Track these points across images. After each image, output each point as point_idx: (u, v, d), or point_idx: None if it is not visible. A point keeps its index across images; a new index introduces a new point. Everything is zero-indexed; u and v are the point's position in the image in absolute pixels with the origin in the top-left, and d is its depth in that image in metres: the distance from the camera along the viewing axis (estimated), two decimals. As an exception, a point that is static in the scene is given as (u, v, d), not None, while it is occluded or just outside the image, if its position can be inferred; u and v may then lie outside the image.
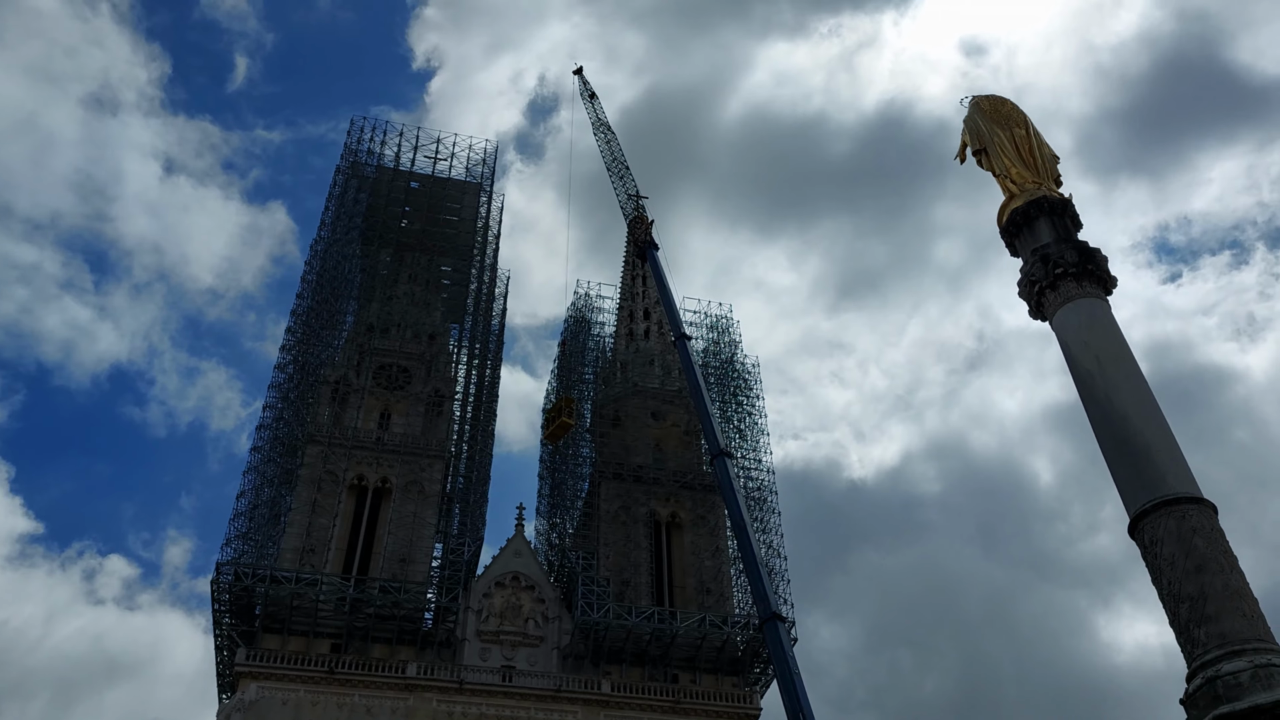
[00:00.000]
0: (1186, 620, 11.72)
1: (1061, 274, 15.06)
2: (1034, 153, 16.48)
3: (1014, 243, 16.53)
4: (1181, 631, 11.86)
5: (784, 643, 45.57)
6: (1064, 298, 15.06)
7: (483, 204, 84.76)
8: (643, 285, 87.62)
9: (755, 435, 76.37)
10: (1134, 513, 12.80)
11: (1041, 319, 15.74)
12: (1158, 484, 12.71)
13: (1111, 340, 14.39)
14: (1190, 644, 11.64)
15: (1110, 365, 14.04)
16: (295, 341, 71.74)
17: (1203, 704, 11.43)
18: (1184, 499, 12.58)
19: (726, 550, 70.06)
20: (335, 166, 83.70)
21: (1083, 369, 14.22)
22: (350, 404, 70.49)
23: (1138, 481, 12.83)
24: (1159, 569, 12.28)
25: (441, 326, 78.97)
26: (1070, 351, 14.67)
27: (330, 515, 64.18)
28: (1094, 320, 14.70)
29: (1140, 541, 12.70)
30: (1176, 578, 11.94)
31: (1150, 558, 12.47)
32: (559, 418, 67.93)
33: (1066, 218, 16.18)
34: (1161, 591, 12.36)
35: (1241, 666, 11.32)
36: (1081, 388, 14.35)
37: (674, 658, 63.46)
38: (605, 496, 71.11)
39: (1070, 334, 14.70)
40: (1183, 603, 11.82)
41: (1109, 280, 15.31)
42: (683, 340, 61.46)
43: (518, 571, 65.18)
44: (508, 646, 61.61)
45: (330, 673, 57.06)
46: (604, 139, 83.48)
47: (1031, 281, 15.66)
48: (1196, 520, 12.42)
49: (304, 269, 76.85)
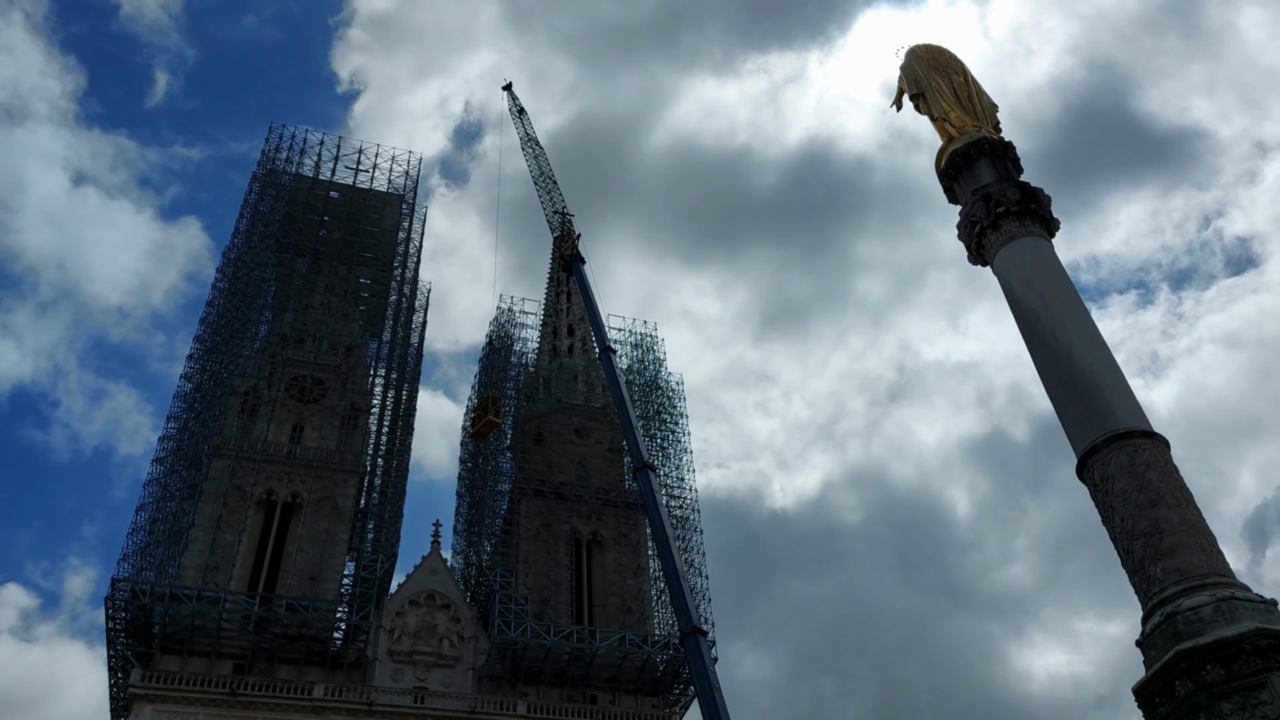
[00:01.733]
0: (1141, 557, 11.05)
1: (1004, 213, 14.45)
2: (973, 99, 16.02)
3: (953, 187, 15.95)
4: (1136, 570, 11.20)
5: (704, 657, 44.56)
6: (1006, 237, 14.45)
7: (404, 216, 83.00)
8: (567, 302, 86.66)
9: (679, 454, 75.70)
10: (1083, 450, 12.16)
11: (982, 263, 15.06)
12: (1107, 419, 12.06)
13: (1056, 278, 13.79)
14: (1146, 582, 10.98)
15: (1056, 302, 13.44)
16: (204, 350, 69.02)
17: (1161, 642, 10.73)
18: (1136, 433, 11.95)
19: (648, 569, 69.03)
20: (252, 174, 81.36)
21: (1027, 308, 13.61)
22: (261, 416, 67.87)
23: (1087, 418, 12.16)
24: (1110, 505, 11.62)
25: (359, 339, 76.82)
26: (1013, 291, 14.03)
27: (236, 531, 61.40)
28: (1038, 258, 14.13)
29: (1090, 480, 12.03)
30: (1129, 513, 11.27)
31: (1101, 495, 11.80)
32: (485, 416, 66.47)
33: (1008, 160, 15.62)
34: (1113, 529, 11.67)
35: (1203, 601, 10.68)
36: (1026, 327, 13.70)
37: (594, 678, 62.01)
38: (526, 514, 69.52)
39: (1013, 274, 14.10)
40: (1136, 539, 11.15)
41: (1052, 221, 14.66)
42: (608, 353, 60.49)
43: (433, 590, 63.14)
44: (421, 667, 59.48)
45: (232, 694, 54.29)
46: (532, 154, 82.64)
47: (972, 222, 15.02)
48: (1149, 454, 11.79)
49: (215, 276, 74.28)
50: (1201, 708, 10.16)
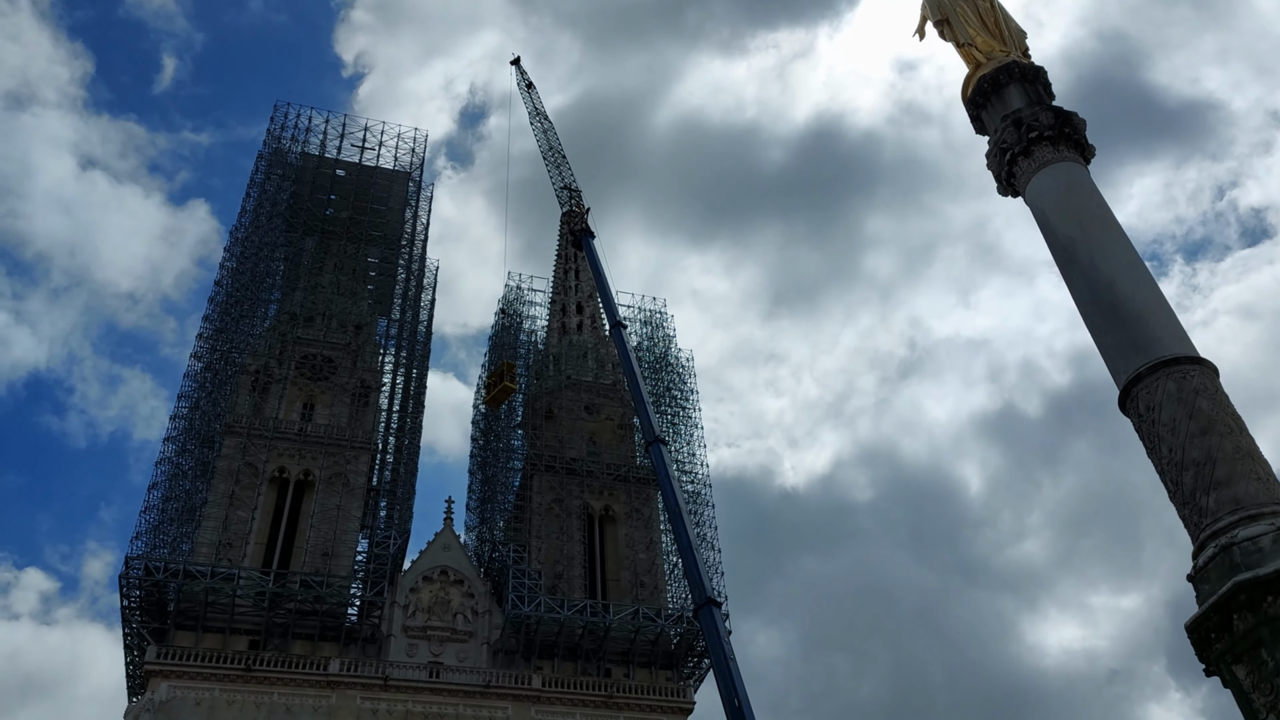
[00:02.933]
0: (1192, 489, 10.55)
1: (1036, 138, 13.88)
2: (1000, 25, 15.38)
3: (980, 116, 15.29)
4: (1186, 502, 10.70)
5: (719, 628, 44.28)
6: (1039, 164, 13.86)
7: (411, 194, 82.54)
8: (575, 279, 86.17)
9: (689, 430, 75.38)
10: (1126, 380, 11.66)
11: (1012, 193, 14.50)
12: (1152, 346, 11.55)
13: (1093, 203, 13.24)
14: (1197, 514, 10.49)
15: (1094, 228, 12.87)
16: (213, 330, 68.82)
17: (1216, 576, 10.30)
18: (1183, 359, 11.38)
19: (661, 544, 68.84)
20: (258, 153, 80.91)
21: (1063, 236, 13.04)
22: (271, 394, 67.74)
23: (1130, 347, 11.64)
24: (1157, 436, 11.11)
25: (368, 317, 76.47)
26: (1047, 220, 13.45)
27: (249, 508, 61.38)
28: (1073, 184, 13.54)
29: (1134, 411, 11.53)
30: (1178, 443, 10.76)
31: (1146, 426, 11.28)
32: (501, 382, 66.39)
33: (1039, 85, 15.03)
34: (1160, 461, 11.16)
35: (1261, 530, 10.22)
36: (1062, 256, 13.14)
37: (608, 652, 61.93)
38: (538, 490, 69.36)
39: (1047, 201, 13.52)
40: (1187, 470, 10.65)
41: (1087, 147, 14.09)
42: (618, 327, 60.12)
43: (446, 565, 63.12)
44: (435, 642, 59.51)
45: (247, 670, 54.36)
46: (540, 128, 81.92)
47: (1002, 150, 14.39)
48: (1199, 381, 11.26)
49: (223, 256, 74.02)
50: (1263, 642, 9.70)
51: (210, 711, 53.08)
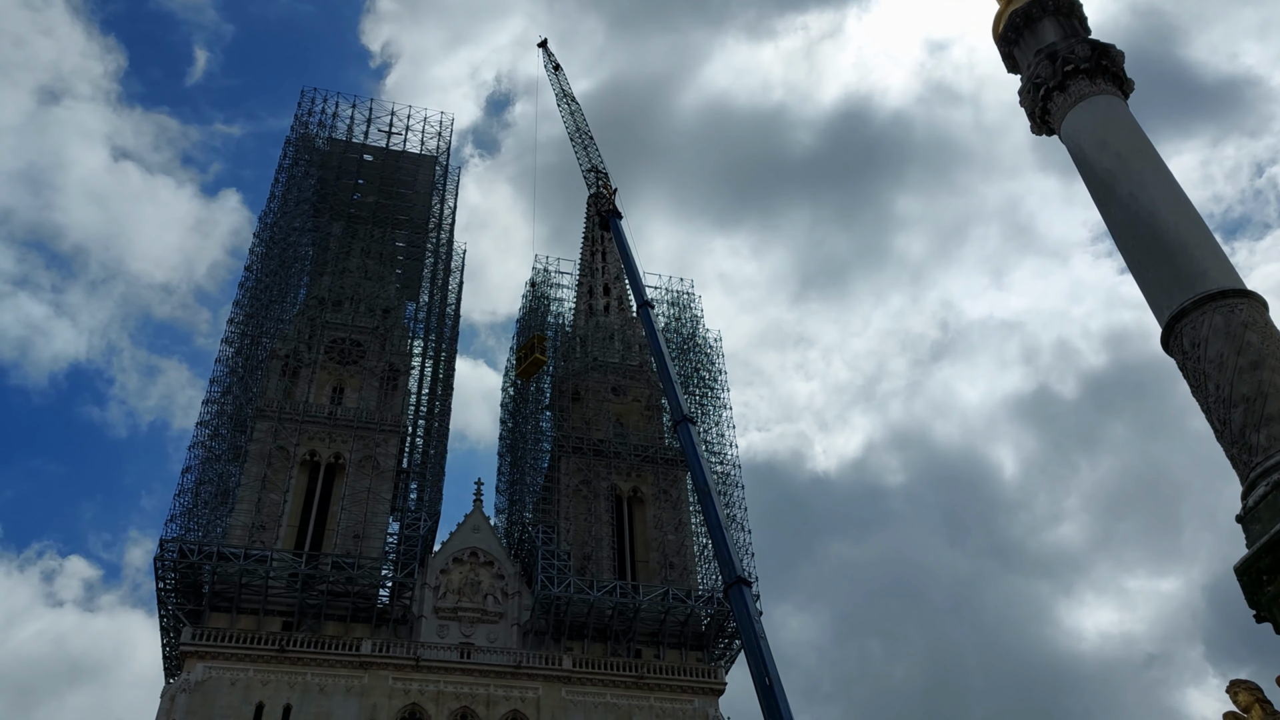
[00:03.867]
0: (1241, 426, 10.10)
1: (1072, 71, 13.34)
2: None
3: (1012, 53, 14.77)
4: (1235, 440, 10.24)
5: (749, 607, 44.12)
6: (1075, 98, 13.39)
7: (438, 178, 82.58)
8: (602, 261, 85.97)
9: (718, 410, 75.10)
10: (1169, 316, 11.24)
11: (1047, 131, 13.98)
12: (1197, 280, 11.10)
13: (1133, 135, 12.72)
14: (1247, 452, 10.04)
15: (1134, 160, 12.38)
16: (244, 315, 69.31)
17: (1268, 515, 9.83)
18: (1230, 292, 10.95)
19: (690, 524, 68.69)
20: (285, 139, 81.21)
21: (1101, 170, 12.56)
22: (302, 378, 68.20)
23: (1174, 281, 11.17)
24: (1203, 373, 10.66)
25: (396, 301, 76.78)
26: (1084, 154, 12.95)
27: (281, 491, 61.86)
28: (1112, 116, 13.02)
29: (1178, 348, 11.09)
30: (1226, 379, 10.31)
31: (1191, 363, 10.86)
32: (532, 354, 66.61)
33: (1074, 19, 14.51)
34: (1206, 399, 10.71)
35: None
36: (1100, 191, 12.69)
37: (637, 633, 61.94)
38: (566, 471, 69.39)
39: (1085, 135, 13.00)
40: (1235, 406, 10.18)
41: (1125, 81, 13.58)
42: (645, 307, 59.99)
43: (476, 547, 63.34)
44: (466, 623, 59.77)
45: (281, 651, 54.84)
46: (568, 109, 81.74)
47: (1036, 85, 13.83)
48: (1247, 314, 10.80)
49: (253, 242, 74.41)
50: None
51: (245, 691, 53.60)
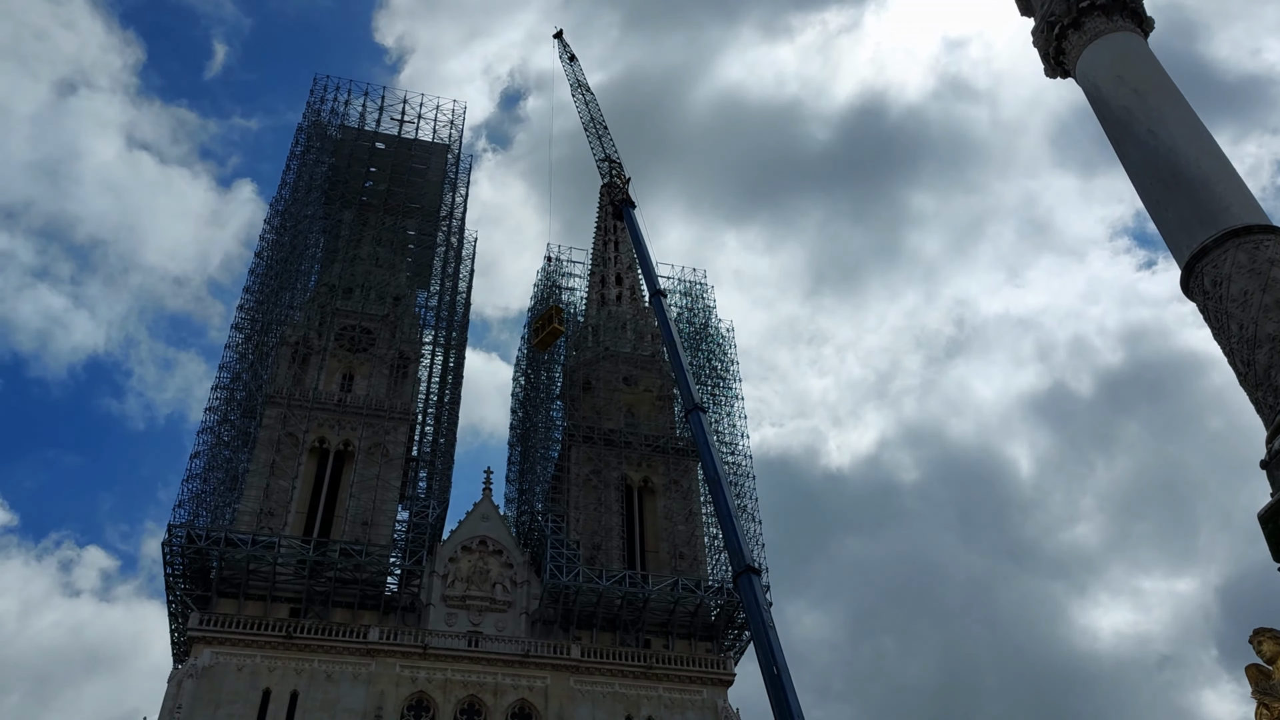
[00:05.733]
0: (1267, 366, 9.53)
1: (1088, 7, 12.72)
2: None
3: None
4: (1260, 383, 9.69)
5: (758, 596, 43.72)
6: (1091, 35, 12.77)
7: (450, 166, 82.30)
8: (615, 250, 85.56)
9: (730, 400, 74.69)
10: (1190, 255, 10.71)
11: (1061, 74, 13.38)
12: (1220, 216, 10.56)
13: (1152, 70, 12.10)
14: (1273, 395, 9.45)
15: (1152, 95, 11.78)
16: (254, 301, 69.26)
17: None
18: (1255, 228, 10.39)
19: (700, 515, 68.26)
20: (298, 125, 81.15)
21: (1118, 107, 11.95)
22: (311, 365, 68.03)
23: (1195, 218, 10.63)
24: (1225, 313, 10.11)
25: (407, 289, 76.54)
26: (1100, 92, 12.33)
27: (290, 478, 61.73)
28: (1129, 51, 12.39)
29: (1199, 289, 10.54)
30: (1250, 318, 9.77)
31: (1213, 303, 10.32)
32: (550, 324, 66.36)
33: None
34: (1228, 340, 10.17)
35: None
36: (1117, 130, 12.11)
37: (646, 623, 61.58)
38: (576, 461, 69.07)
39: (1101, 72, 12.37)
40: (1260, 346, 9.63)
41: (1145, 18, 12.98)
42: (658, 296, 59.60)
43: (485, 535, 63.06)
44: (474, 611, 59.52)
45: (288, 637, 54.71)
46: (583, 99, 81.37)
47: (1050, 23, 13.15)
48: (1274, 250, 10.19)
49: (264, 228, 74.37)
50: None
51: (252, 677, 53.50)
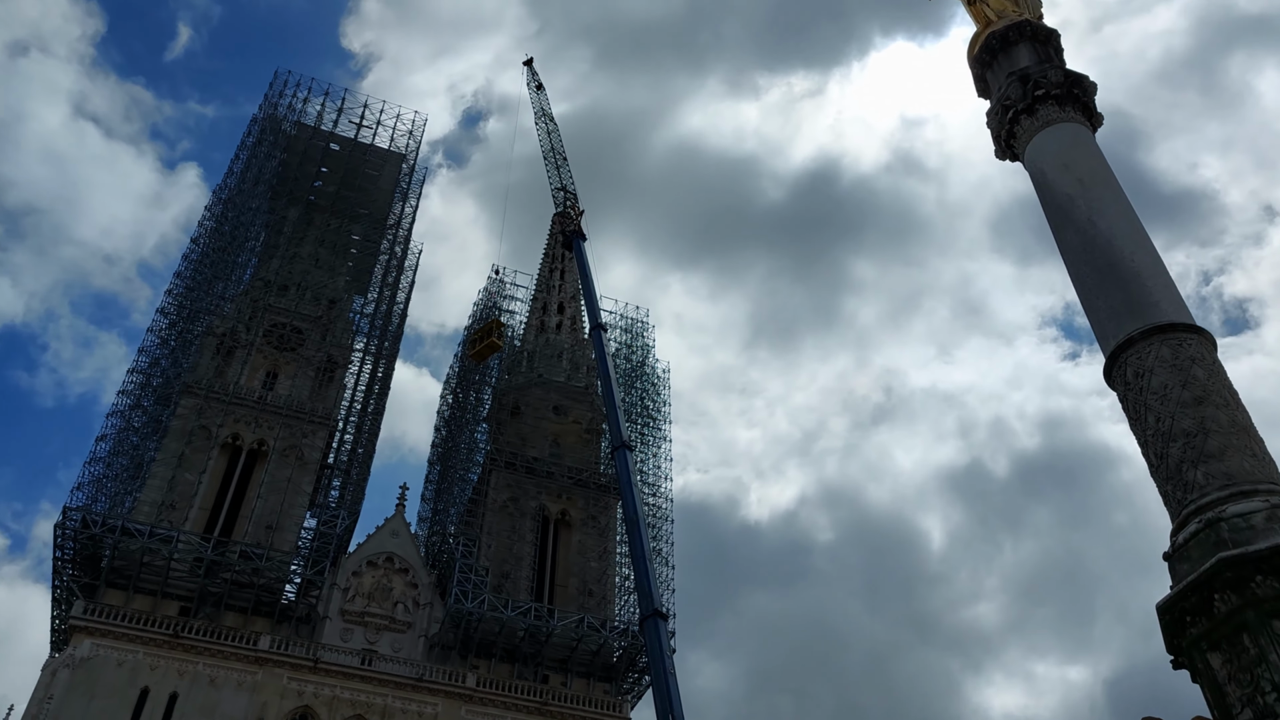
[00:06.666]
0: (1179, 461, 9.56)
1: (1042, 96, 12.96)
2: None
3: (985, 76, 14.33)
4: (1170, 476, 9.70)
5: (663, 641, 43.51)
6: (1042, 123, 12.94)
7: (404, 175, 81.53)
8: (560, 279, 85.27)
9: (658, 442, 74.40)
10: (1116, 344, 10.77)
11: (1011, 157, 13.59)
12: (1148, 310, 10.67)
13: (1096, 162, 12.35)
14: (1182, 489, 9.50)
15: (1095, 186, 12.01)
16: (184, 288, 67.42)
17: (1198, 554, 9.38)
18: (1180, 326, 10.52)
19: (614, 554, 67.63)
20: (252, 116, 79.79)
21: (1061, 194, 12.15)
22: (236, 359, 66.29)
23: (1124, 309, 10.74)
24: (1144, 405, 10.14)
25: (344, 294, 75.20)
26: (1046, 178, 12.55)
27: (197, 472, 59.80)
28: (1077, 142, 12.65)
29: (1120, 379, 10.58)
30: (1168, 412, 9.79)
31: (1133, 394, 10.34)
32: (488, 338, 65.37)
33: (1050, 47, 14.19)
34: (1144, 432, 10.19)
35: (1255, 507, 9.32)
36: (1058, 215, 12.26)
37: (547, 658, 60.60)
38: (495, 486, 68.09)
39: (1048, 159, 12.60)
40: (1174, 441, 9.65)
41: (1095, 114, 13.25)
42: (599, 329, 59.45)
43: (392, 552, 61.62)
44: (372, 629, 57.96)
45: (175, 636, 52.63)
46: (545, 129, 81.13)
47: (1005, 107, 13.42)
48: (1196, 349, 10.34)
49: (203, 214, 72.68)
50: (1248, 626, 8.79)
51: (132, 673, 51.28)
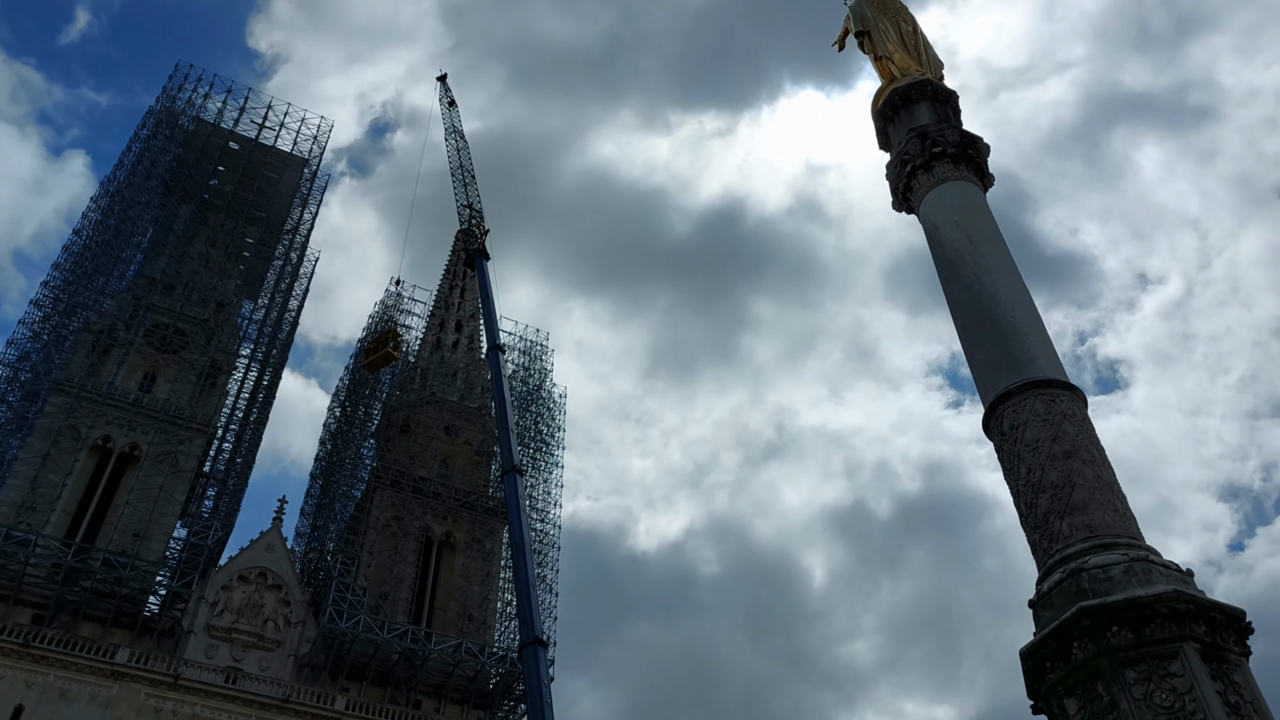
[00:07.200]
0: (1046, 511, 10.02)
1: (939, 154, 13.59)
2: (920, 48, 15.20)
3: (887, 130, 14.93)
4: (1038, 526, 10.14)
5: (542, 670, 43.08)
6: (938, 179, 13.59)
7: (305, 180, 79.76)
8: (460, 297, 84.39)
9: (550, 467, 73.90)
10: (995, 396, 11.25)
11: (907, 209, 14.14)
12: (1026, 366, 11.22)
13: (985, 221, 12.94)
14: (1048, 539, 9.94)
15: (983, 244, 12.59)
16: (61, 280, 64.45)
17: (1060, 602, 9.74)
18: (1055, 382, 11.10)
19: (498, 579, 66.75)
20: (148, 109, 77.11)
21: (951, 248, 12.71)
22: (112, 358, 63.53)
23: (1004, 363, 11.27)
24: (1017, 455, 10.60)
25: (233, 297, 72.85)
26: (938, 232, 13.11)
27: (62, 473, 56.96)
28: (969, 200, 13.27)
29: (997, 430, 11.09)
30: (1039, 463, 10.27)
31: (1008, 445, 10.81)
32: (383, 347, 63.72)
33: (949, 108, 14.85)
34: (1016, 482, 10.64)
35: (1114, 559, 9.73)
36: (947, 269, 12.80)
37: (422, 682, 59.19)
38: (379, 504, 66.56)
39: (941, 214, 13.17)
40: (1043, 492, 10.12)
41: (987, 174, 13.88)
42: (496, 350, 58.89)
43: (266, 568, 59.56)
44: (239, 647, 55.79)
45: (25, 645, 49.70)
46: (454, 146, 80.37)
47: (904, 161, 14.03)
48: (1068, 405, 10.89)
49: (88, 206, 69.73)
50: (1102, 674, 9.15)
51: (-27, 685, 48.25)
